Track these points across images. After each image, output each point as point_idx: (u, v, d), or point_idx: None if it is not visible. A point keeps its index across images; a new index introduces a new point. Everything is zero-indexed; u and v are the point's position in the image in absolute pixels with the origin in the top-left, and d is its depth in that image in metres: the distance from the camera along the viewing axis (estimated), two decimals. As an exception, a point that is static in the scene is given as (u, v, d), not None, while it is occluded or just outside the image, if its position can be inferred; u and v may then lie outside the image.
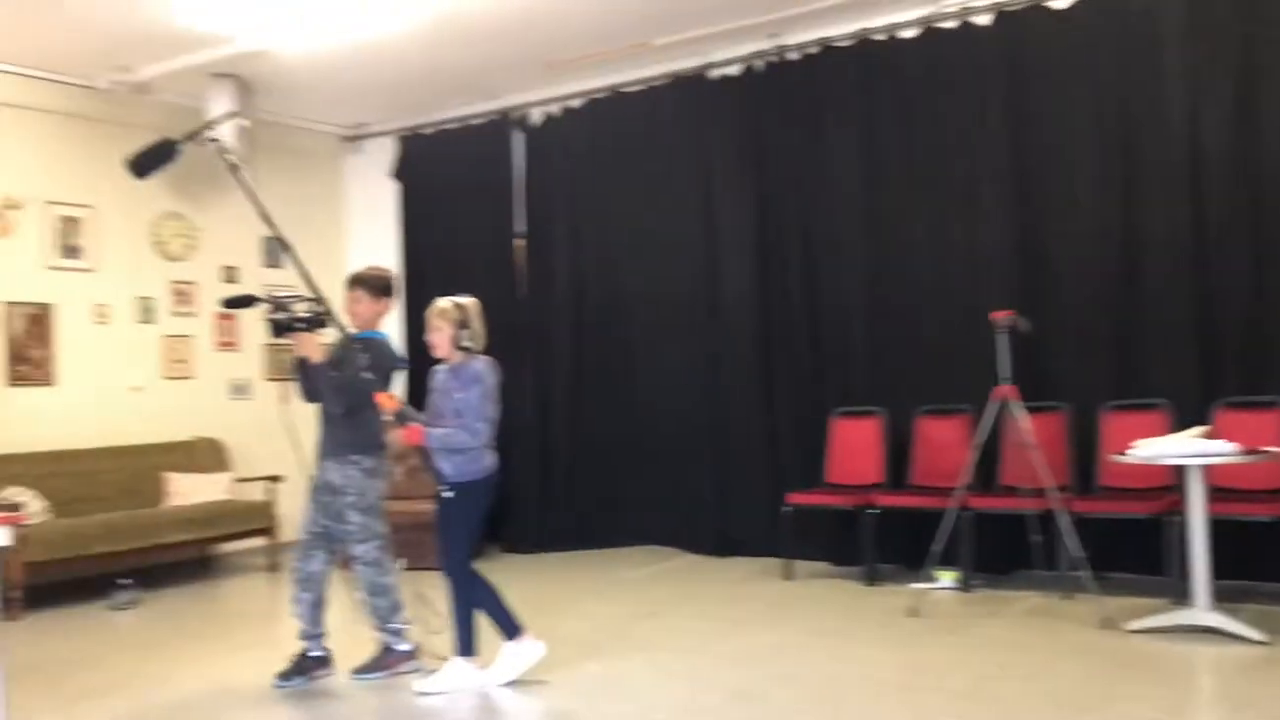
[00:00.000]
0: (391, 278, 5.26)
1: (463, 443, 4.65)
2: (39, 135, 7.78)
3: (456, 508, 4.70)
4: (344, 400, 4.80)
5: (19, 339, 7.59)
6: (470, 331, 4.75)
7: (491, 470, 4.79)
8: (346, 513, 4.94)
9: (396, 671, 4.95)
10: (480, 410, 4.68)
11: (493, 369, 4.80)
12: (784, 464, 7.58)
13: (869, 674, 4.77)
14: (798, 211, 7.57)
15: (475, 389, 4.68)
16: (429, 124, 9.27)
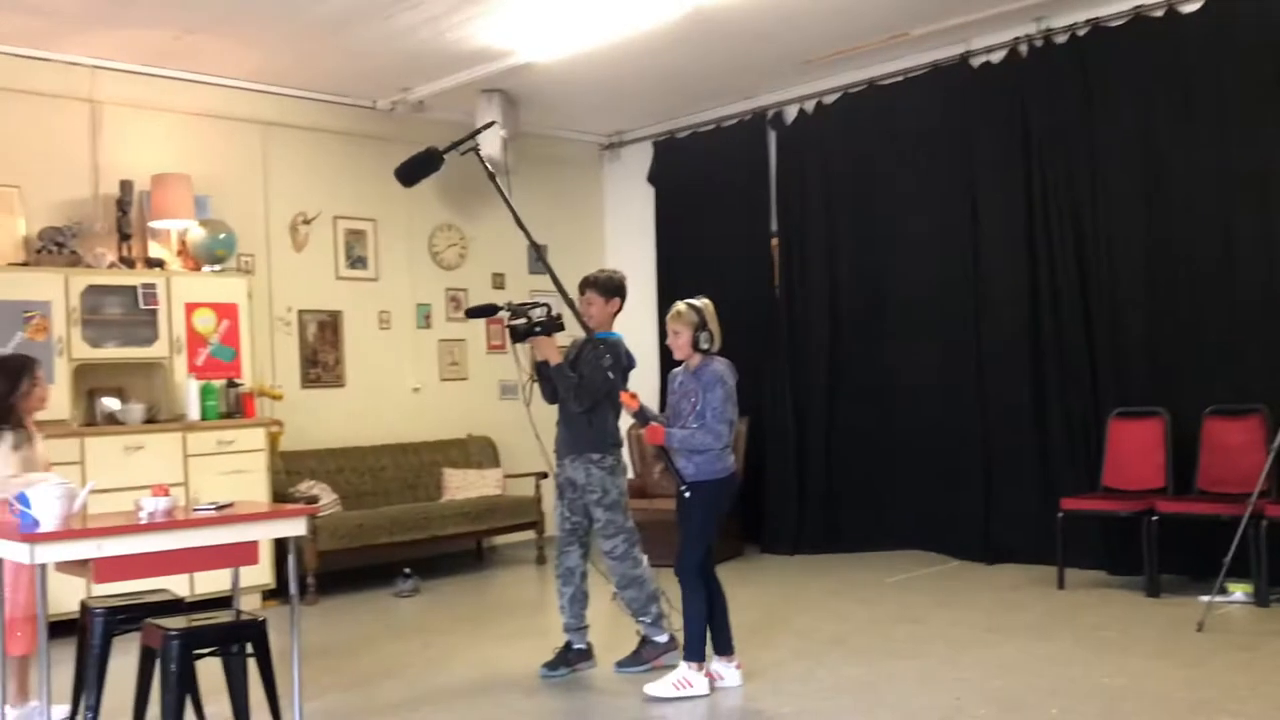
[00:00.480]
0: (622, 279, 5.34)
1: (704, 444, 4.67)
2: (327, 155, 8.39)
3: (695, 507, 4.70)
4: (584, 400, 4.95)
5: (312, 344, 8.22)
6: (708, 333, 4.76)
7: (731, 471, 4.79)
8: (592, 510, 5.08)
9: (656, 664, 5.01)
10: (722, 412, 4.68)
11: (732, 370, 4.79)
12: (1056, 468, 7.22)
13: (1151, 690, 4.46)
14: (1069, 203, 7.18)
15: (717, 390, 4.68)
16: (683, 127, 9.39)
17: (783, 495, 8.45)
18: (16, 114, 6.94)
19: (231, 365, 7.18)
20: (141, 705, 4.01)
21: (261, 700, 4.07)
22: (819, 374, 8.43)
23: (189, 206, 7.16)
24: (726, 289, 8.88)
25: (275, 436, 7.42)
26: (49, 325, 6.49)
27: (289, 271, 8.11)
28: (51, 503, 3.84)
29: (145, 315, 6.90)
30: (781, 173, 8.74)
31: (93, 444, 6.47)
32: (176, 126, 7.61)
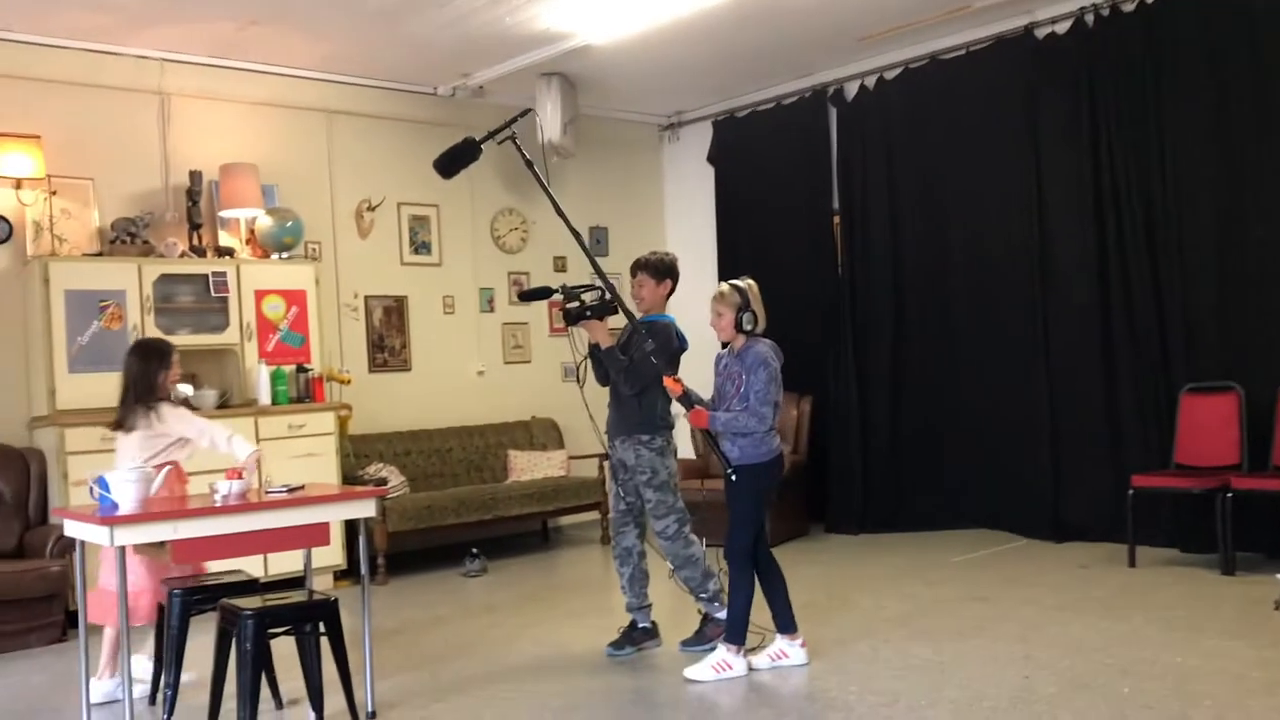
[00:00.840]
0: (673, 260, 5.32)
1: (748, 427, 4.64)
2: (390, 142, 8.48)
3: (740, 490, 4.69)
4: (633, 383, 4.96)
5: (379, 329, 8.33)
6: (751, 314, 4.72)
7: (776, 453, 4.75)
8: (642, 490, 5.11)
9: (717, 643, 5.00)
10: (765, 394, 4.64)
11: (777, 352, 4.75)
12: (1126, 444, 7.11)
13: (1227, 669, 4.38)
14: (1137, 175, 7.04)
15: (761, 373, 4.65)
16: (743, 106, 9.34)
17: (847, 474, 8.41)
18: (89, 108, 7.11)
19: (301, 351, 7.31)
20: (219, 683, 4.12)
21: (334, 678, 4.16)
22: (883, 352, 8.37)
23: (257, 195, 7.29)
24: (788, 268, 8.90)
25: (344, 420, 7.55)
26: (124, 314, 6.66)
27: (355, 258, 8.23)
28: (129, 486, 3.96)
29: (216, 303, 7.05)
30: (843, 149, 8.66)
31: (168, 429, 6.62)
32: (243, 117, 7.75)
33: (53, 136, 6.84)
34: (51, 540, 6.05)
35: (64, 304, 6.46)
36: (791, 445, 8.38)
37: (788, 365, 8.75)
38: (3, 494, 6.36)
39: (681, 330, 5.16)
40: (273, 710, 4.50)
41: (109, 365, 6.52)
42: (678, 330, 5.14)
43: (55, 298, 6.44)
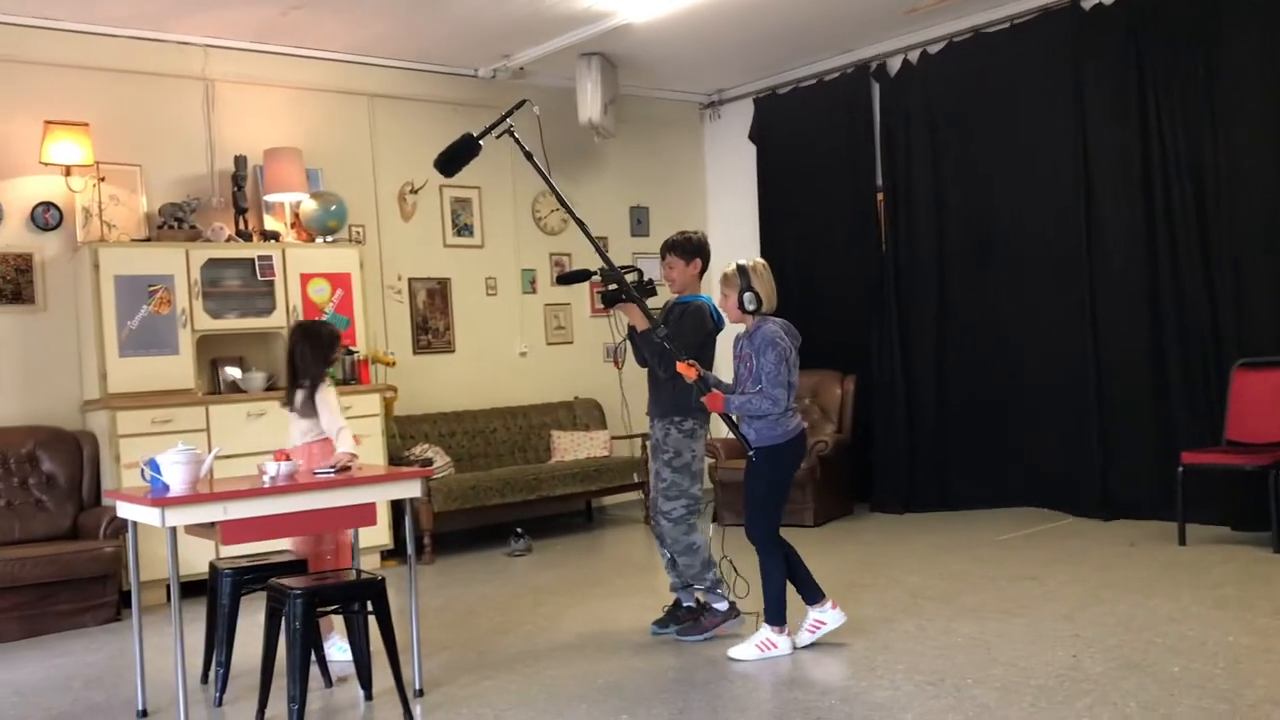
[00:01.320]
0: (701, 238, 5.24)
1: (761, 409, 4.59)
2: (431, 124, 8.50)
3: (760, 473, 4.67)
4: (666, 366, 4.92)
5: (422, 311, 8.38)
6: (751, 294, 4.63)
7: (794, 435, 4.68)
8: (661, 470, 5.10)
9: (719, 632, 4.99)
10: (776, 375, 4.57)
11: (788, 331, 4.68)
12: (1176, 421, 7.02)
13: (1277, 649, 4.32)
14: (1187, 147, 6.92)
15: (770, 353, 4.58)
16: (784, 83, 9.27)
17: (892, 453, 8.37)
18: (135, 95, 7.19)
19: (346, 333, 7.36)
20: (269, 660, 4.18)
21: (382, 656, 4.20)
22: (928, 329, 8.31)
23: (301, 179, 7.34)
24: (832, 246, 8.86)
25: (390, 402, 7.61)
26: (172, 298, 6.75)
27: (398, 240, 8.28)
28: (180, 468, 4.01)
29: (263, 286, 7.12)
30: (886, 125, 8.57)
31: (217, 411, 6.73)
32: (286, 101, 7.80)
33: (100, 124, 6.93)
34: (104, 522, 6.16)
35: (114, 289, 6.56)
36: (835, 424, 8.35)
37: (830, 343, 8.75)
38: (56, 477, 6.48)
39: (719, 310, 5.12)
40: (322, 688, 4.56)
41: (158, 349, 6.66)
42: (713, 310, 5.11)
43: (105, 283, 6.53)
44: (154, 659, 4.77)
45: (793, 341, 4.67)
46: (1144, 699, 3.84)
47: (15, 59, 6.78)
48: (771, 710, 4.01)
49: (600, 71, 8.26)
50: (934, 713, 3.84)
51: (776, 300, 4.73)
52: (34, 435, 6.52)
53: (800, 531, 7.58)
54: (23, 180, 6.80)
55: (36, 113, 6.75)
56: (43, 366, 6.79)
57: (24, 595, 5.84)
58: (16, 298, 6.74)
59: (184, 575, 4.31)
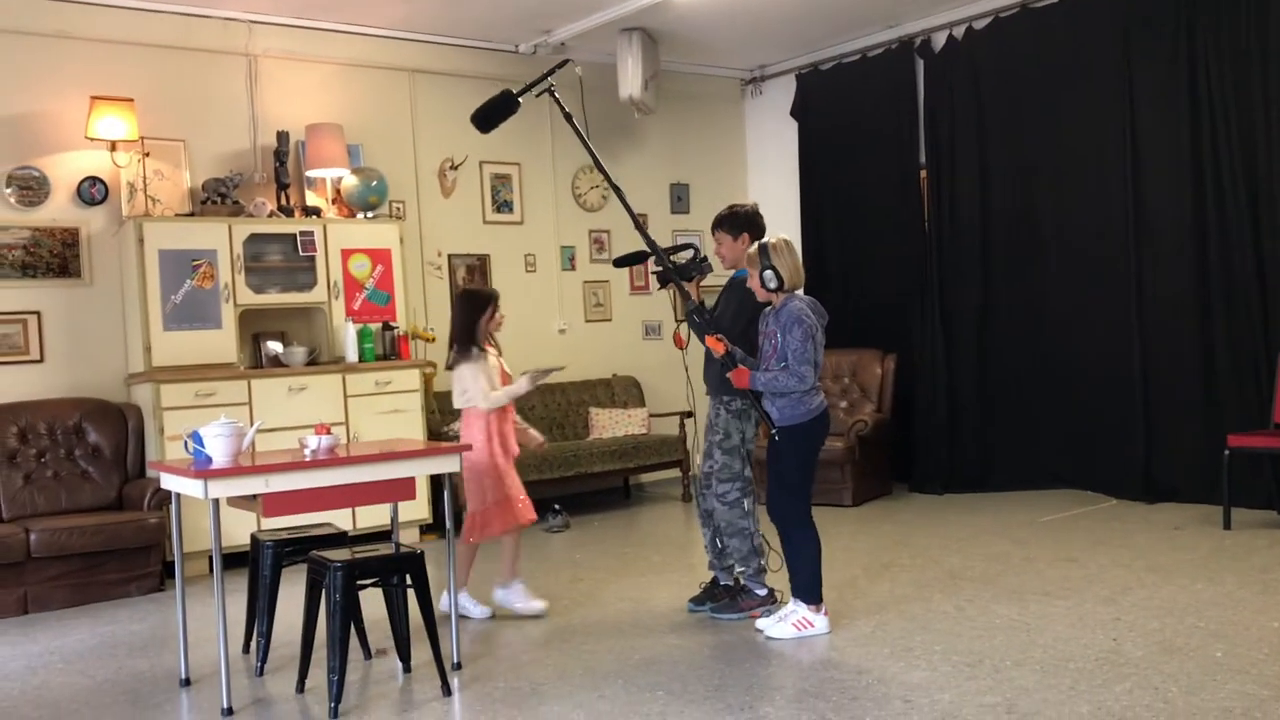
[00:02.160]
0: (747, 211, 5.19)
1: (788, 386, 4.56)
2: (472, 100, 8.36)
3: (783, 452, 4.64)
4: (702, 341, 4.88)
5: (462, 287, 8.39)
6: (772, 271, 4.57)
7: (817, 413, 4.63)
8: (713, 450, 5.07)
9: (753, 615, 4.96)
10: (802, 352, 4.52)
11: (814, 309, 4.62)
12: (1222, 404, 6.91)
13: (1326, 635, 4.27)
14: (1239, 126, 6.78)
15: (796, 331, 4.53)
16: (827, 59, 9.18)
17: (933, 433, 8.31)
18: (180, 71, 7.25)
19: (386, 309, 7.41)
20: (309, 632, 4.22)
21: (420, 629, 4.24)
22: (971, 309, 8.22)
23: (342, 155, 7.37)
24: (874, 224, 8.78)
25: (429, 377, 7.65)
26: (215, 273, 6.81)
27: (438, 217, 8.30)
28: (222, 441, 4.05)
29: (304, 261, 7.17)
30: (930, 102, 8.47)
31: (259, 385, 6.79)
32: (328, 77, 7.83)
33: (145, 99, 6.99)
34: (149, 493, 6.25)
35: (158, 263, 6.62)
36: (875, 403, 8.30)
37: (871, 322, 8.69)
38: (102, 448, 6.58)
39: None
40: (361, 660, 4.61)
41: (202, 323, 6.73)
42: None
43: (149, 257, 6.60)
44: (196, 629, 4.84)
45: (819, 319, 4.63)
46: (1185, 683, 3.80)
47: (62, 35, 6.85)
48: (807, 688, 4.01)
49: (641, 47, 8.21)
50: (971, 694, 3.82)
51: (804, 277, 4.68)
52: (80, 407, 6.62)
53: (838, 511, 7.56)
54: (69, 155, 6.88)
55: (83, 88, 6.82)
56: (89, 340, 6.88)
57: (71, 564, 5.94)
58: (63, 271, 6.83)
59: (226, 547, 4.36)
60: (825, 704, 3.81)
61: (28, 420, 6.46)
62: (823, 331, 4.64)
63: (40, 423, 6.48)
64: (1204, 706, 3.56)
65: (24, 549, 5.80)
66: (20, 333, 6.68)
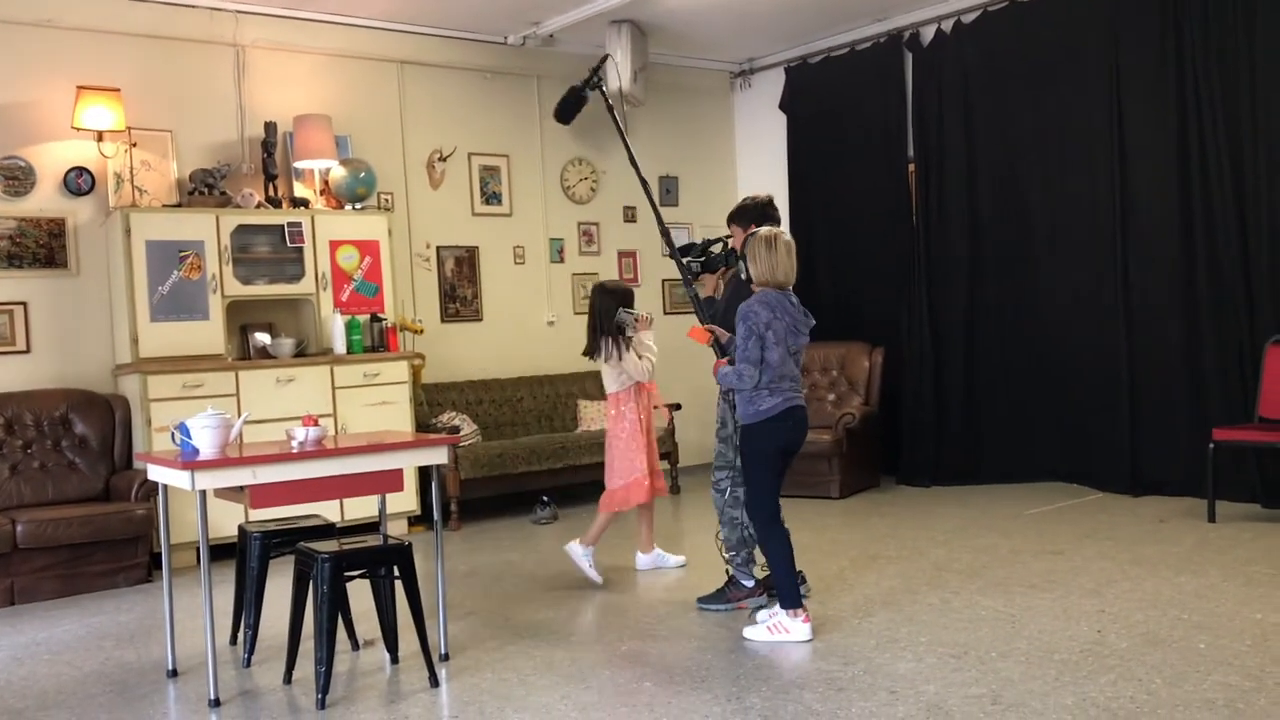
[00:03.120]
0: (754, 203, 5.16)
1: (729, 383, 4.53)
2: (460, 92, 8.50)
3: (744, 449, 4.61)
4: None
5: (450, 279, 8.40)
6: (743, 265, 4.55)
7: (768, 415, 4.46)
8: (714, 437, 5.10)
9: (740, 606, 4.97)
10: (744, 350, 4.41)
11: (773, 305, 4.43)
12: (1208, 397, 6.95)
13: (1308, 627, 4.30)
14: (1225, 118, 6.81)
15: (740, 327, 4.44)
16: (816, 52, 9.19)
17: (920, 426, 8.34)
18: (167, 61, 7.22)
19: (374, 300, 7.40)
20: (296, 623, 4.22)
21: (409, 621, 4.24)
22: (958, 303, 8.25)
23: (330, 146, 7.35)
24: (862, 217, 8.80)
25: (417, 369, 7.64)
26: (202, 264, 6.79)
27: (427, 208, 8.29)
28: (210, 432, 4.05)
29: (292, 253, 7.16)
30: (919, 96, 8.48)
31: (246, 377, 6.77)
32: (316, 68, 7.81)
33: (132, 89, 6.96)
34: (136, 484, 6.24)
35: (145, 254, 6.61)
36: (863, 396, 8.32)
37: (859, 315, 8.73)
38: (89, 439, 6.56)
39: None
40: (349, 651, 4.61)
41: (189, 315, 6.72)
42: None
43: (136, 248, 6.58)
44: (184, 620, 4.84)
45: (780, 315, 4.44)
46: (1169, 674, 3.82)
47: (50, 24, 6.81)
48: (794, 680, 4.02)
49: (630, 39, 8.21)
50: (957, 685, 3.84)
51: (786, 274, 4.49)
52: (67, 398, 6.60)
53: (825, 504, 7.59)
54: (55, 145, 6.85)
55: (69, 78, 6.79)
56: (75, 330, 6.86)
57: (58, 555, 5.93)
58: (50, 262, 6.81)
59: (213, 538, 4.35)
60: (811, 694, 3.82)
61: (14, 411, 6.44)
62: (795, 330, 4.48)
63: (27, 414, 6.46)
64: (1187, 698, 3.59)
65: (10, 540, 5.79)
66: (7, 323, 6.66)
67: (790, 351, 4.50)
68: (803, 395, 4.64)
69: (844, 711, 3.65)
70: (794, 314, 4.50)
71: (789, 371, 4.50)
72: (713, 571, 5.38)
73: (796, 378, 4.57)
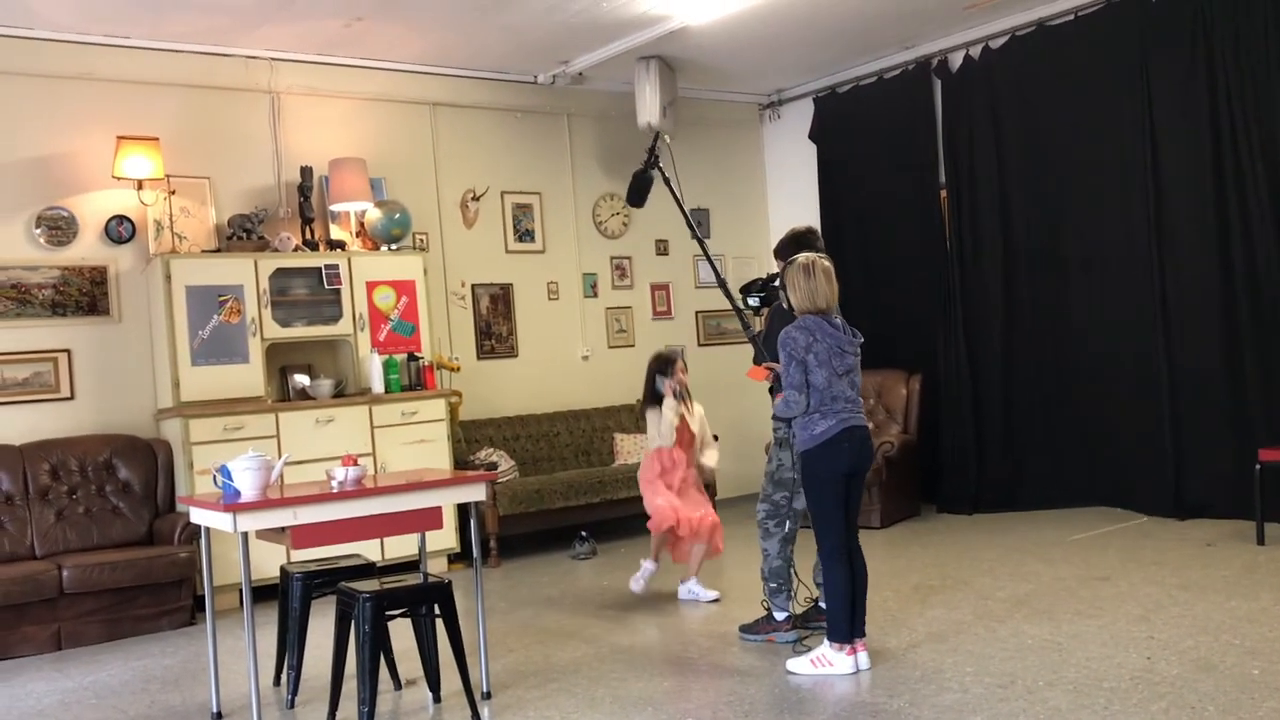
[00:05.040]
0: (794, 235, 5.19)
1: (781, 411, 4.55)
2: (492, 131, 8.58)
3: (804, 476, 4.58)
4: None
5: (486, 317, 8.45)
6: (783, 295, 4.59)
7: (825, 439, 4.42)
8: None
9: (769, 639, 4.96)
10: (788, 377, 4.42)
11: (802, 330, 4.42)
12: (1251, 417, 6.85)
13: (1364, 651, 4.21)
14: (1260, 137, 6.75)
15: (781, 355, 4.46)
16: (844, 81, 9.21)
17: (959, 453, 8.27)
18: (205, 109, 7.34)
19: (411, 340, 7.45)
20: (339, 663, 4.23)
21: (450, 658, 4.24)
22: (994, 328, 8.19)
23: (365, 189, 7.44)
24: (895, 245, 8.78)
25: (455, 407, 7.68)
26: (242, 308, 6.87)
27: (461, 247, 8.36)
28: (251, 474, 4.08)
29: (330, 295, 7.23)
30: (948, 122, 8.47)
31: (286, 418, 6.83)
32: (350, 112, 7.91)
33: (170, 138, 7.08)
34: (179, 527, 6.29)
35: (185, 299, 6.70)
36: (902, 425, 8.27)
37: (895, 343, 8.68)
38: (132, 484, 6.63)
39: None
40: (392, 690, 4.61)
41: (229, 358, 6.79)
42: None
43: (177, 293, 6.68)
44: (228, 662, 4.86)
45: (820, 338, 4.42)
46: (1222, 702, 3.75)
47: (89, 76, 6.96)
48: (838, 713, 3.98)
49: (659, 74, 8.26)
50: (1004, 715, 3.78)
51: (827, 299, 4.50)
52: (110, 444, 6.68)
53: (867, 534, 7.43)
54: (97, 194, 6.98)
55: (109, 128, 6.92)
56: (118, 376, 6.95)
57: (102, 600, 5.98)
58: (92, 309, 6.92)
59: (256, 579, 4.38)
60: (857, 728, 3.78)
61: (59, 457, 6.52)
62: (840, 351, 4.45)
63: (71, 459, 6.55)
64: (1241, 725, 3.52)
65: (57, 585, 5.85)
66: (51, 371, 6.76)
67: (839, 373, 4.46)
68: (863, 415, 4.59)
69: (890, 744, 3.60)
70: (836, 336, 4.48)
71: (840, 392, 4.46)
72: (754, 602, 5.35)
73: (852, 399, 4.51)
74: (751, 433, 8.81)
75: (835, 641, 4.47)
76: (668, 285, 9.41)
